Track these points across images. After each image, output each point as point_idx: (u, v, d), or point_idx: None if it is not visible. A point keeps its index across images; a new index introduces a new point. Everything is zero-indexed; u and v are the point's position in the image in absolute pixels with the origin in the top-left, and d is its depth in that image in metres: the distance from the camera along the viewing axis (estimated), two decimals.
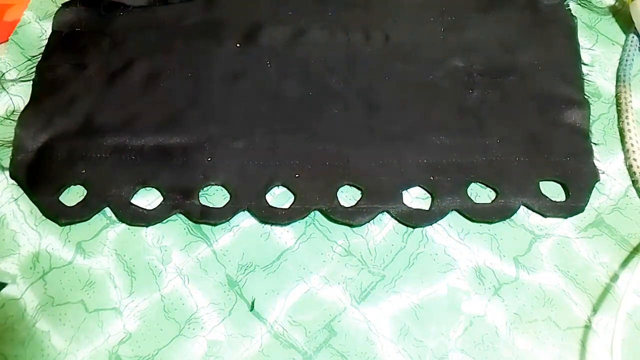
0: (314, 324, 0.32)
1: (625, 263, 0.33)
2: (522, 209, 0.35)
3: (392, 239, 0.34)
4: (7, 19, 0.43)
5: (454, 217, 0.35)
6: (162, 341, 0.31)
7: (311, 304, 0.32)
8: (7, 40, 0.42)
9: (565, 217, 0.35)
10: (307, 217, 0.35)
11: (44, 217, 0.35)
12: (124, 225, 0.35)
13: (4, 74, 0.40)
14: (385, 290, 0.33)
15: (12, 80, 0.40)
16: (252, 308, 0.32)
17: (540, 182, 0.35)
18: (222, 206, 0.35)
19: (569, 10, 0.42)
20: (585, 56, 0.40)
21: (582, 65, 0.40)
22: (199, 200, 0.35)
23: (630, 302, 0.31)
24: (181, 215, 0.35)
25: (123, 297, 0.33)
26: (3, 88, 0.39)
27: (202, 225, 0.35)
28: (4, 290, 0.33)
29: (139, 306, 0.32)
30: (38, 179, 0.35)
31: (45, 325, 0.32)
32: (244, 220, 0.35)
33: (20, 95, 0.39)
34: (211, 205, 0.35)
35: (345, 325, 0.32)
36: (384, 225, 0.35)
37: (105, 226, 0.35)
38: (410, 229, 0.34)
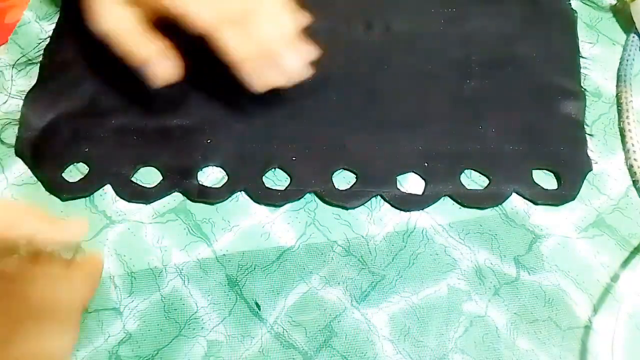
0: (314, 324, 0.32)
1: (626, 263, 0.33)
2: (523, 208, 0.35)
3: (392, 239, 0.34)
4: (7, 20, 0.43)
5: (454, 216, 0.35)
6: (162, 341, 0.31)
7: (311, 304, 0.32)
8: (7, 42, 0.42)
9: (556, 205, 0.35)
10: (307, 218, 0.35)
11: None
12: (124, 225, 0.35)
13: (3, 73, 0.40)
14: (385, 290, 0.33)
15: (20, 64, 0.40)
16: (259, 308, 0.32)
17: (534, 172, 0.36)
18: (219, 186, 0.35)
19: (569, 3, 0.42)
20: (586, 55, 0.40)
21: (581, 59, 0.40)
22: (197, 180, 0.35)
23: (631, 303, 0.31)
24: (181, 215, 0.35)
25: (123, 297, 0.32)
26: (4, 88, 0.39)
27: (202, 225, 0.35)
28: None
29: (139, 306, 0.32)
30: (42, 156, 0.36)
31: None
32: (244, 220, 0.35)
33: (20, 97, 0.39)
34: (209, 185, 0.35)
35: (345, 325, 0.32)
36: (384, 225, 0.35)
37: (105, 226, 0.35)
38: (411, 229, 0.34)
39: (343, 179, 0.36)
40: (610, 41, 0.41)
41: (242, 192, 0.35)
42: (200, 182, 0.35)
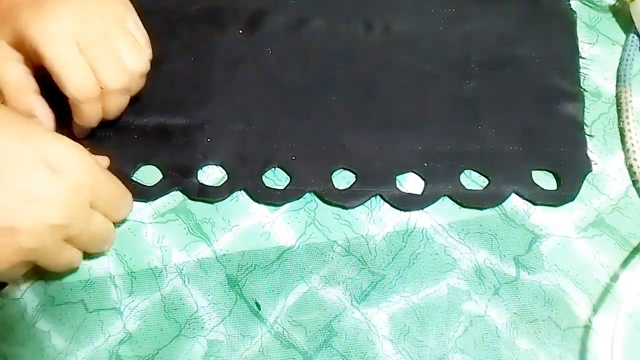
0: (314, 324, 0.32)
1: (625, 263, 0.33)
2: (522, 208, 0.35)
3: (392, 239, 0.34)
4: None
5: (454, 216, 0.35)
6: (163, 341, 0.31)
7: (311, 304, 0.32)
8: None
9: (556, 206, 0.35)
10: (307, 217, 0.35)
11: None
12: (124, 225, 0.35)
13: None
14: (385, 290, 0.33)
15: None
16: (259, 308, 0.32)
17: (533, 172, 0.36)
18: (219, 185, 0.35)
19: (569, 3, 0.42)
20: (585, 56, 0.40)
21: (581, 60, 0.40)
22: (197, 178, 0.36)
23: (630, 302, 0.31)
24: (181, 215, 0.35)
25: (123, 297, 0.33)
26: None
27: (202, 225, 0.35)
28: (4, 290, 0.33)
29: (139, 306, 0.32)
30: None
31: (45, 325, 0.32)
32: (244, 220, 0.35)
33: None
34: (209, 184, 0.35)
35: (345, 325, 0.32)
36: (384, 225, 0.35)
37: None
38: (411, 229, 0.34)
39: (343, 179, 0.36)
40: (610, 41, 0.41)
41: (242, 192, 0.36)
42: (200, 181, 0.36)
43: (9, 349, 0.31)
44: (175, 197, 0.36)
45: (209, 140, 0.37)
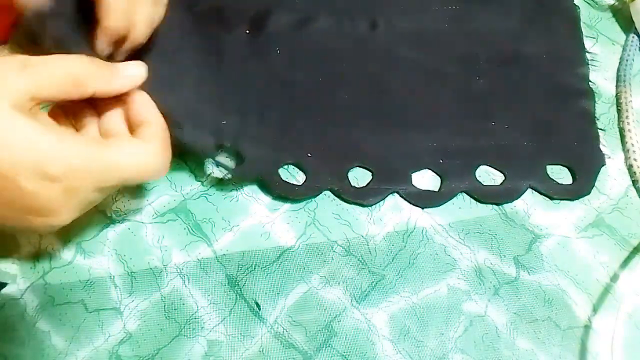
0: (314, 324, 0.32)
1: (625, 263, 0.33)
2: (522, 208, 0.35)
3: (392, 239, 0.34)
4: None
5: (454, 216, 0.35)
6: (163, 341, 0.31)
7: (311, 304, 0.32)
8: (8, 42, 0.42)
9: (572, 200, 0.35)
10: (307, 218, 0.35)
11: None
12: (124, 225, 0.35)
13: None
14: (385, 290, 0.33)
15: None
16: (259, 308, 0.32)
17: (548, 167, 0.36)
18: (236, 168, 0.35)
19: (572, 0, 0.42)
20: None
21: (587, 54, 0.40)
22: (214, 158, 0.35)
23: (630, 302, 0.31)
24: (181, 215, 0.35)
25: (123, 297, 0.33)
26: None
27: (202, 225, 0.35)
28: (4, 290, 0.33)
29: (139, 306, 0.32)
30: None
31: (45, 325, 0.32)
32: (244, 220, 0.35)
33: None
34: (227, 164, 0.35)
35: (345, 325, 0.32)
36: (384, 225, 0.35)
37: (105, 226, 0.35)
38: (410, 229, 0.34)
39: (358, 177, 0.36)
40: (610, 41, 0.41)
41: (243, 190, 0.35)
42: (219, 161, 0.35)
43: (9, 349, 0.31)
44: (175, 197, 0.36)
45: (224, 122, 0.36)
